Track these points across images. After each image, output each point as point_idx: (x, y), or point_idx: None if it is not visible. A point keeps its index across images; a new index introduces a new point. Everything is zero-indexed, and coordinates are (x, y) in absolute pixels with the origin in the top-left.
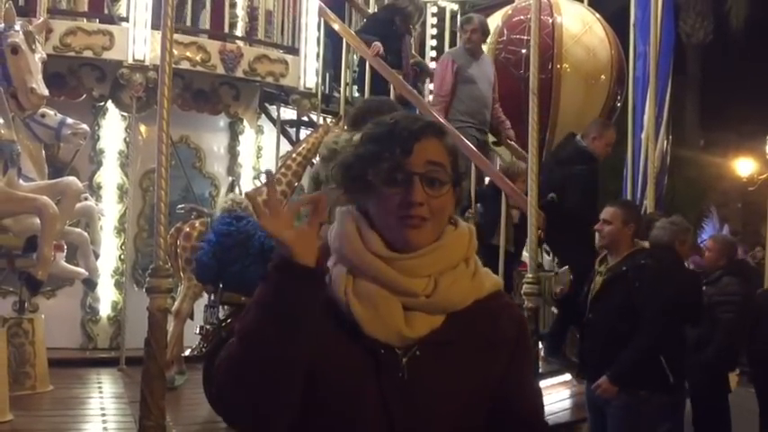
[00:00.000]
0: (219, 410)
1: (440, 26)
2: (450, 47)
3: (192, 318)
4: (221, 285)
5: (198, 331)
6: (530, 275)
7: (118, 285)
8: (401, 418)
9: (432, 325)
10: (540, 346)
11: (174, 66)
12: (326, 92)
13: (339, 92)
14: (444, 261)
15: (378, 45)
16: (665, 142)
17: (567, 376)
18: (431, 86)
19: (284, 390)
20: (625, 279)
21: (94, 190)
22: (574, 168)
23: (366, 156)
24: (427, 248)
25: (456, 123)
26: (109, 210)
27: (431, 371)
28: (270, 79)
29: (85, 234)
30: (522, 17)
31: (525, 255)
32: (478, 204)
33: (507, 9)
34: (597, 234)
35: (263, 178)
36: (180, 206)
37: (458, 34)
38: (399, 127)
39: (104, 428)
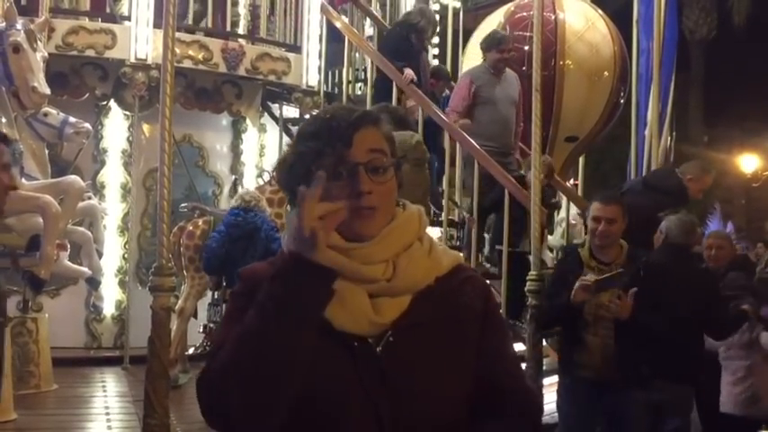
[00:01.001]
0: (212, 420)
1: (442, 24)
2: (453, 46)
3: (195, 316)
4: (225, 283)
5: (201, 330)
6: (533, 273)
7: (122, 284)
8: (387, 408)
9: (400, 308)
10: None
11: (176, 64)
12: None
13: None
14: (399, 243)
15: (410, 72)
16: (669, 139)
17: None
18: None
19: (287, 392)
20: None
21: (98, 189)
22: (666, 210)
23: (307, 153)
24: (381, 233)
25: None
26: (112, 209)
27: (406, 355)
28: (272, 77)
29: (89, 233)
30: (524, 14)
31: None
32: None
33: (509, 6)
34: (598, 234)
35: (266, 176)
36: (183, 205)
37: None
38: (336, 120)
39: (108, 427)
